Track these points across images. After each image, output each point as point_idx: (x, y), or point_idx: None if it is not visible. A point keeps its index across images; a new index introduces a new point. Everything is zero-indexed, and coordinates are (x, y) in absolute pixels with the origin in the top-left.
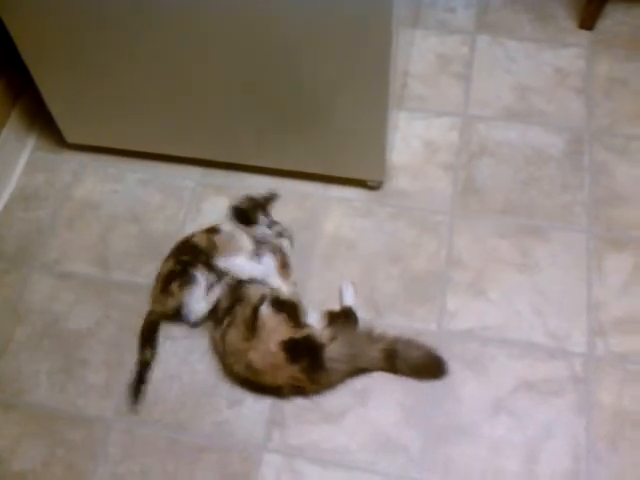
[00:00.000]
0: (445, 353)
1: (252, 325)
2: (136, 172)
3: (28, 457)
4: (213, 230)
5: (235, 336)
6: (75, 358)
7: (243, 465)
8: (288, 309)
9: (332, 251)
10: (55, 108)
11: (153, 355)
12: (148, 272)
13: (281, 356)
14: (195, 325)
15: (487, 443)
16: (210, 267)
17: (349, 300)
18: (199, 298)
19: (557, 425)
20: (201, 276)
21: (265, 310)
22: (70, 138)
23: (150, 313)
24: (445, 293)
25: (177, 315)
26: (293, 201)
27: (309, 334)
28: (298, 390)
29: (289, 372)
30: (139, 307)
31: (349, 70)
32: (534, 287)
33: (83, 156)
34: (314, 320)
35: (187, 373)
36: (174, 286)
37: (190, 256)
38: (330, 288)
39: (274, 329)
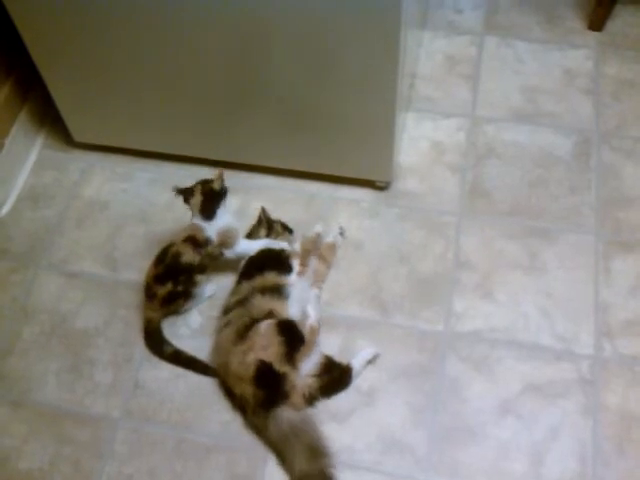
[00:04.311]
0: (452, 355)
1: (243, 333)
2: (144, 171)
3: (35, 455)
4: (197, 242)
5: (226, 336)
6: (83, 357)
7: (250, 465)
8: (292, 340)
9: (339, 252)
10: (63, 107)
11: (172, 346)
12: None
13: (250, 372)
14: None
15: (494, 444)
16: (204, 270)
17: (358, 362)
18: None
19: (564, 427)
20: (204, 286)
21: (265, 326)
22: (78, 137)
23: (149, 321)
24: (452, 294)
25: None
26: (300, 201)
27: (287, 374)
28: (242, 409)
29: (246, 388)
30: None
31: (357, 71)
32: (541, 289)
33: (91, 155)
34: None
35: (194, 373)
36: (179, 302)
37: (186, 275)
38: (337, 289)
39: (263, 346)
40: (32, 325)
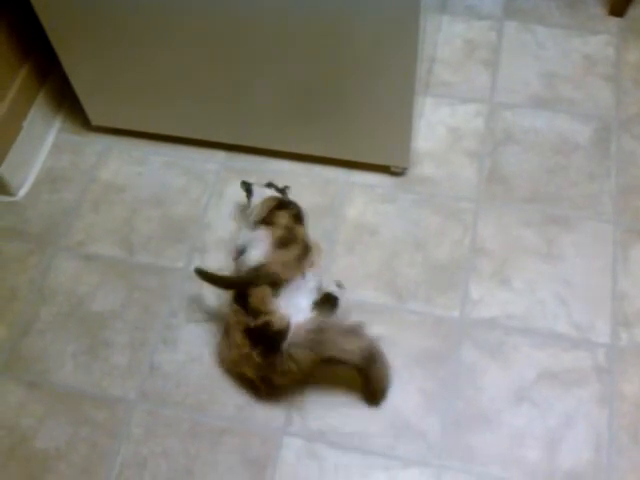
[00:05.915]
0: (467, 341)
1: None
2: (160, 155)
3: (52, 436)
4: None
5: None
6: (99, 339)
7: (264, 448)
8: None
9: (354, 237)
10: (81, 91)
11: None
12: (172, 255)
13: (246, 345)
14: None
15: (508, 432)
16: None
17: (332, 287)
18: None
19: (579, 415)
20: None
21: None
22: (95, 120)
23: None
24: (468, 281)
25: None
26: (316, 186)
27: (265, 321)
28: (268, 382)
29: (252, 361)
30: (163, 290)
31: (376, 55)
32: (559, 277)
33: (108, 138)
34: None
35: (209, 356)
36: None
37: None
38: (352, 274)
39: (236, 322)
40: (49, 306)
